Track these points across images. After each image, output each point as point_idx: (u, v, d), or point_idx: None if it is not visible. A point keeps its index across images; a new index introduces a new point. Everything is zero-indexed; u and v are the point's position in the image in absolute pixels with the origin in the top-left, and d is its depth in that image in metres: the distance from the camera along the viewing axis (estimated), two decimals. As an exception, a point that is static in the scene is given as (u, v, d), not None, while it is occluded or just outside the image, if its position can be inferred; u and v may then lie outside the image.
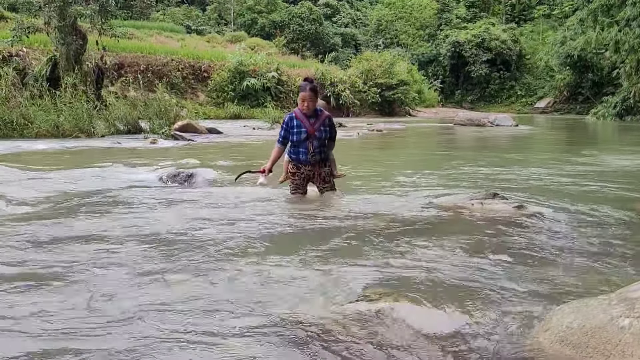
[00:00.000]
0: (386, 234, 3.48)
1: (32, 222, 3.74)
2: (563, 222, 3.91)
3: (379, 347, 1.87)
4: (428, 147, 13.13)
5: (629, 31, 16.39)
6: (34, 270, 2.70)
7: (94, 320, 2.07)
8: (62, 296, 2.32)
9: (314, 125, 4.34)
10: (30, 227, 3.58)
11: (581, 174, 6.95)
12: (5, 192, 4.93)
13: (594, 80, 39.96)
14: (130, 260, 2.83)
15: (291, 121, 4.35)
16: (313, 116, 4.35)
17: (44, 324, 2.03)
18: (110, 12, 15.99)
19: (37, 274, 2.63)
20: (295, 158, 4.39)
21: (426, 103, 42.75)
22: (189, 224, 3.72)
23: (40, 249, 3.08)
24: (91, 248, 3.09)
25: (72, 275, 2.60)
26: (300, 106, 4.33)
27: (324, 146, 4.42)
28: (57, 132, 11.68)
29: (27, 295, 2.34)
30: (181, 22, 45.61)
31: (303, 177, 4.44)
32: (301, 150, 4.35)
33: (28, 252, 3.00)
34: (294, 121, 4.34)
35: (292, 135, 4.34)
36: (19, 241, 3.21)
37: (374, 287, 2.45)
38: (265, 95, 26.13)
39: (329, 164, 4.50)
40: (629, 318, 1.72)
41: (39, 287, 2.43)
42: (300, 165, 4.39)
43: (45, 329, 1.98)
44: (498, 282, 2.55)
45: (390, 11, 56.36)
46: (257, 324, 2.06)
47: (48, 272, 2.65)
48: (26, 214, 4.10)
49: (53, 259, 2.86)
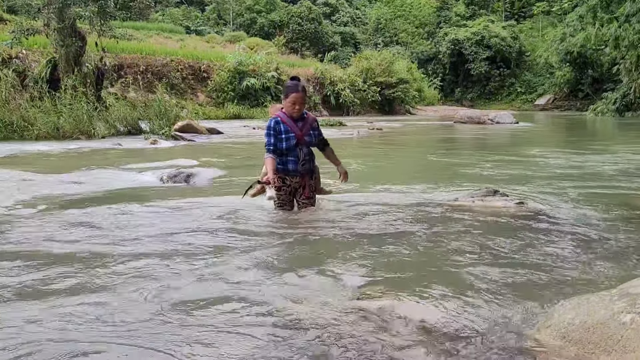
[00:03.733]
0: (387, 232, 3.48)
1: (31, 224, 3.75)
2: (563, 218, 3.91)
3: (380, 344, 1.87)
4: (428, 145, 13.12)
5: (629, 27, 16.33)
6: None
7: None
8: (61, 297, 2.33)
9: (302, 129, 3.88)
10: (28, 229, 3.58)
11: (581, 170, 6.95)
12: (4, 193, 4.93)
13: (594, 77, 39.92)
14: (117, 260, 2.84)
15: (277, 125, 3.82)
16: (300, 119, 3.89)
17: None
18: (109, 13, 15.96)
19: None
20: (282, 169, 3.84)
21: (426, 101, 42.73)
22: (189, 228, 3.72)
23: (40, 249, 3.08)
24: (92, 249, 3.10)
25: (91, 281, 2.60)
26: (289, 109, 3.83)
27: (312, 153, 4.00)
28: (58, 134, 11.68)
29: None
30: (180, 23, 45.59)
31: (289, 190, 3.92)
32: (290, 159, 3.85)
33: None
34: (280, 126, 3.82)
35: (280, 142, 3.81)
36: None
37: (375, 284, 2.45)
38: (265, 95, 26.12)
39: (315, 176, 4.07)
40: (630, 314, 1.71)
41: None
42: (288, 177, 3.87)
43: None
44: (499, 279, 2.55)
45: (389, 9, 56.29)
46: (258, 323, 2.06)
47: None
48: (23, 215, 4.09)
49: (53, 260, 2.87)
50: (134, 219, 3.92)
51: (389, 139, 14.56)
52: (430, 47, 52.41)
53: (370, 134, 15.80)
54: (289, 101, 3.82)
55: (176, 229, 3.56)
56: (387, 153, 10.73)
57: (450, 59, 49.29)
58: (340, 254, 2.98)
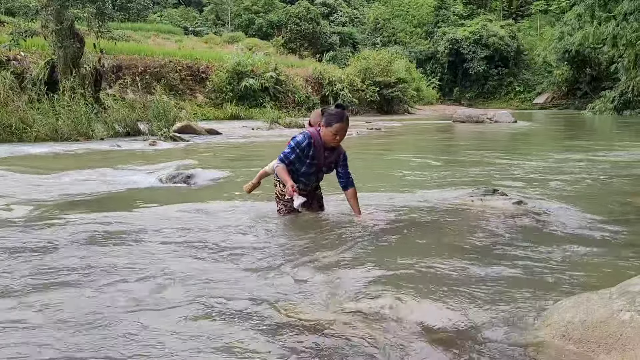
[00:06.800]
0: (386, 232, 3.48)
1: (29, 225, 3.74)
2: (562, 217, 3.92)
3: (380, 343, 1.87)
4: (427, 145, 13.13)
5: (627, 25, 16.38)
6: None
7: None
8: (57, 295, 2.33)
9: (327, 159, 3.68)
10: (26, 231, 3.58)
11: (580, 169, 6.96)
12: (2, 196, 4.93)
13: (592, 75, 40.01)
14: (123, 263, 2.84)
15: (308, 149, 3.59)
16: (330, 149, 3.66)
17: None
18: (107, 14, 15.97)
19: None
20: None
21: (425, 101, 42.76)
22: (189, 228, 3.72)
23: (40, 251, 3.08)
24: (92, 249, 3.10)
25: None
26: (329, 138, 3.54)
27: (322, 176, 3.86)
28: (56, 136, 11.67)
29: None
30: (178, 24, 45.60)
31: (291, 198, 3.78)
32: (301, 180, 3.69)
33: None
34: (310, 150, 3.59)
35: (300, 164, 3.63)
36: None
37: (375, 285, 2.46)
38: (263, 96, 26.10)
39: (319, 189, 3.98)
40: (630, 312, 1.72)
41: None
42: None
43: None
44: (498, 278, 2.56)
45: (387, 9, 56.34)
46: (257, 321, 2.06)
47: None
48: (22, 217, 4.09)
49: (52, 262, 2.87)
50: (130, 223, 3.92)
51: (387, 139, 14.56)
52: (428, 47, 52.44)
53: (369, 134, 15.81)
54: (331, 130, 3.52)
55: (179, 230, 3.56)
56: (385, 153, 10.73)
57: (449, 58, 49.34)
58: (339, 254, 2.98)
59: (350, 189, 3.78)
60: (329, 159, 3.69)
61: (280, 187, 3.76)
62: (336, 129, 3.50)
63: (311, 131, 3.64)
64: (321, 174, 3.79)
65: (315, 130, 3.63)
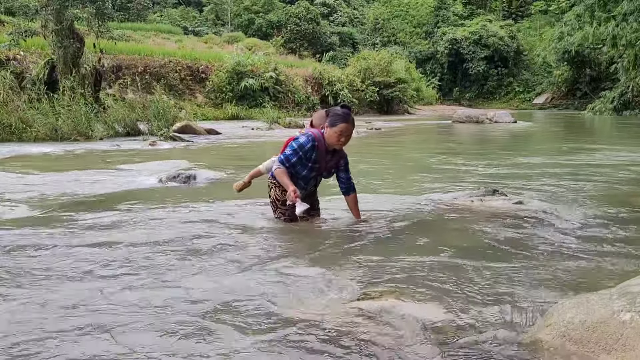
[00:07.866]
0: (386, 233, 3.48)
1: (28, 226, 3.74)
2: (562, 217, 3.92)
3: (380, 344, 1.87)
4: (427, 145, 13.14)
5: (626, 26, 16.37)
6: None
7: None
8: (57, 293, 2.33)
9: (328, 163, 3.57)
10: (24, 231, 3.58)
11: (579, 169, 6.96)
12: (2, 196, 4.93)
13: (592, 76, 40.07)
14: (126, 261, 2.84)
15: (311, 151, 3.44)
16: (332, 152, 3.56)
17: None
18: (107, 14, 15.97)
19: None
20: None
21: (424, 101, 42.81)
22: (189, 228, 3.72)
23: (40, 251, 3.08)
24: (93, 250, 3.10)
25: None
26: (333, 139, 3.41)
27: (320, 180, 3.76)
28: (56, 136, 11.66)
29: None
30: (178, 24, 45.63)
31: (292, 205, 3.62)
32: (299, 183, 3.52)
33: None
34: (313, 153, 3.45)
35: (302, 167, 3.48)
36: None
37: (375, 285, 2.46)
38: (263, 96, 26.11)
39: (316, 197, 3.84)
40: (630, 312, 1.72)
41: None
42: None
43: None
44: (498, 279, 2.56)
45: (387, 9, 56.39)
46: (259, 322, 2.06)
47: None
48: (21, 218, 4.09)
49: (52, 261, 2.87)
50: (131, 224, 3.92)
51: (387, 139, 14.56)
52: (428, 47, 52.49)
53: (368, 134, 15.80)
54: (335, 131, 3.39)
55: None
56: (385, 153, 10.72)
57: (448, 58, 49.38)
58: (340, 254, 2.99)
59: (352, 195, 3.69)
60: (330, 163, 3.59)
61: (278, 191, 3.59)
62: (341, 130, 3.38)
63: (314, 133, 3.50)
64: (320, 178, 3.69)
65: (318, 132, 3.50)
